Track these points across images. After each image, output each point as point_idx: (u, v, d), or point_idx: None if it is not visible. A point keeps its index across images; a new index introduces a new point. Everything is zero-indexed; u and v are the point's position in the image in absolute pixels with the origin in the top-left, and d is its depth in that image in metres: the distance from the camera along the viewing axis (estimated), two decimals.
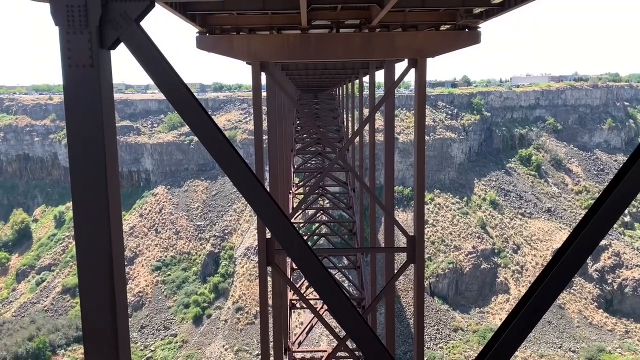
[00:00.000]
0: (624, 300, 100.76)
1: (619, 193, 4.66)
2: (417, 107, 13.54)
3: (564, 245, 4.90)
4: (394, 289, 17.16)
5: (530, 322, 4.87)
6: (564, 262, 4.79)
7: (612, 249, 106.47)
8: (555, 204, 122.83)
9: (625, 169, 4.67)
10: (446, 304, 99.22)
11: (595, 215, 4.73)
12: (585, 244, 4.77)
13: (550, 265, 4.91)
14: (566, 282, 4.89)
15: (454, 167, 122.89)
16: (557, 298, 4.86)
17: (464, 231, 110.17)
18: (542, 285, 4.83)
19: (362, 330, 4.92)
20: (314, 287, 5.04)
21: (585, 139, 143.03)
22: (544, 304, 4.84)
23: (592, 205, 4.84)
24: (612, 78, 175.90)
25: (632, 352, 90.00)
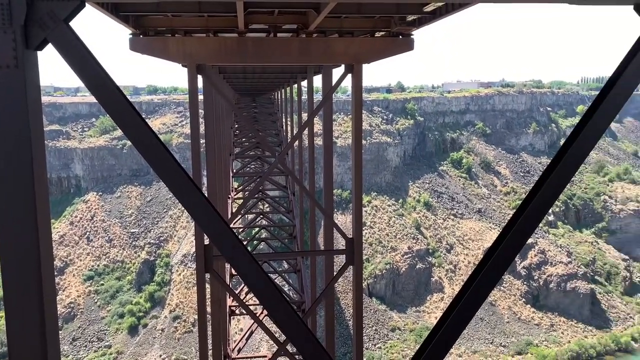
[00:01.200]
0: (549, 296, 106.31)
1: (543, 194, 4.93)
2: (354, 112, 13.77)
3: (494, 244, 5.13)
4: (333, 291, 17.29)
5: (463, 320, 5.06)
6: (494, 261, 5.01)
7: (538, 247, 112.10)
8: (485, 204, 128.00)
9: (549, 171, 4.96)
10: (384, 304, 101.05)
11: (522, 215, 4.98)
12: (514, 243, 5.02)
13: (481, 264, 5.12)
14: (497, 279, 5.12)
15: (389, 170, 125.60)
16: (488, 295, 5.08)
17: (400, 232, 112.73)
18: (474, 283, 5.03)
19: (302, 333, 4.94)
20: (254, 292, 5.02)
21: (512, 143, 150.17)
22: (476, 301, 5.04)
23: (519, 206, 5.10)
24: (536, 85, 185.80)
25: (557, 345, 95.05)
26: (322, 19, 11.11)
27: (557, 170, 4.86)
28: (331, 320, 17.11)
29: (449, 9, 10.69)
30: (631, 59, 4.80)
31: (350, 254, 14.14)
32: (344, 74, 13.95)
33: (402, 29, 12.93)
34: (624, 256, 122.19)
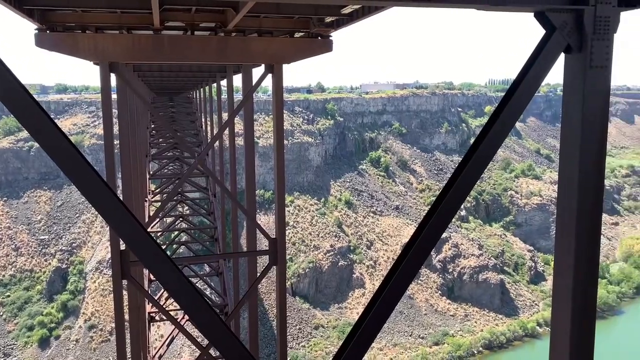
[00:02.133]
0: (463, 287, 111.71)
1: (455, 190, 5.18)
2: (275, 112, 13.77)
3: (411, 239, 5.32)
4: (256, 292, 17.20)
5: (384, 314, 5.21)
6: (412, 255, 5.20)
7: (452, 241, 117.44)
8: (403, 201, 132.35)
9: (460, 168, 5.22)
10: (307, 303, 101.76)
11: (436, 211, 5.21)
12: (429, 238, 5.23)
13: (399, 259, 5.30)
14: (414, 273, 5.31)
15: (311, 169, 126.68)
16: (407, 289, 5.27)
17: (322, 231, 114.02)
18: (393, 278, 5.20)
19: (224, 336, 4.89)
20: (174, 297, 4.90)
21: (427, 142, 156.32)
22: (396, 295, 5.21)
23: (433, 202, 5.33)
24: (447, 86, 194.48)
25: (471, 334, 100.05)
26: (241, 18, 11.01)
27: (467, 168, 5.12)
28: (254, 322, 17.00)
29: (366, 12, 10.96)
30: (533, 62, 5.14)
31: (273, 254, 14.13)
32: (264, 74, 13.91)
33: (321, 30, 13.09)
34: (529, 247, 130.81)
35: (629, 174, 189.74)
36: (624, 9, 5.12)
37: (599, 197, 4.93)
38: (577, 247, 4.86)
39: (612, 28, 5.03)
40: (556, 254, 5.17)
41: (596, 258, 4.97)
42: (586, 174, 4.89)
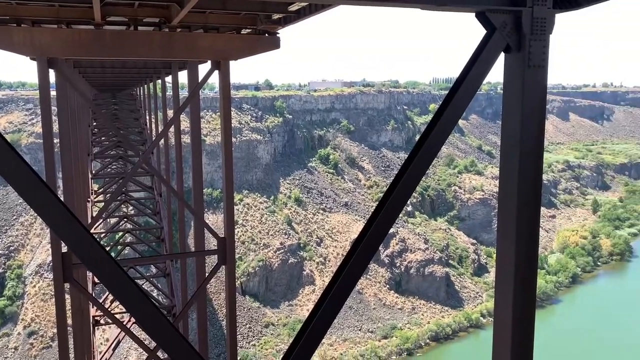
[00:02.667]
0: (410, 281, 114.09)
1: (402, 186, 5.27)
2: (223, 109, 13.59)
3: (359, 235, 5.38)
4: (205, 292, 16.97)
5: (334, 310, 5.25)
6: (361, 251, 5.27)
7: (399, 236, 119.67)
8: (351, 198, 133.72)
9: (406, 165, 5.32)
10: (257, 302, 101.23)
11: (384, 207, 5.29)
12: (378, 233, 5.31)
13: (349, 255, 5.35)
14: (363, 268, 5.38)
15: (260, 167, 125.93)
16: (356, 284, 5.33)
17: (272, 229, 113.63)
18: (343, 273, 5.24)
19: (173, 338, 4.79)
20: (119, 300, 4.76)
21: (374, 139, 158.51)
22: (345, 291, 5.26)
23: (381, 198, 5.41)
24: (393, 85, 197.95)
25: (418, 326, 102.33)
26: (186, 13, 10.80)
27: (413, 164, 5.23)
28: (203, 322, 16.76)
29: (313, 9, 10.98)
30: (474, 61, 5.30)
31: (222, 253, 13.96)
32: (211, 70, 13.70)
33: (268, 27, 13.02)
34: (472, 240, 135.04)
35: (565, 168, 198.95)
36: (558, 10, 5.35)
37: (537, 191, 5.14)
38: (517, 239, 5.06)
39: (548, 29, 5.25)
40: (498, 246, 5.37)
41: (535, 250, 5.19)
42: (525, 169, 5.09)
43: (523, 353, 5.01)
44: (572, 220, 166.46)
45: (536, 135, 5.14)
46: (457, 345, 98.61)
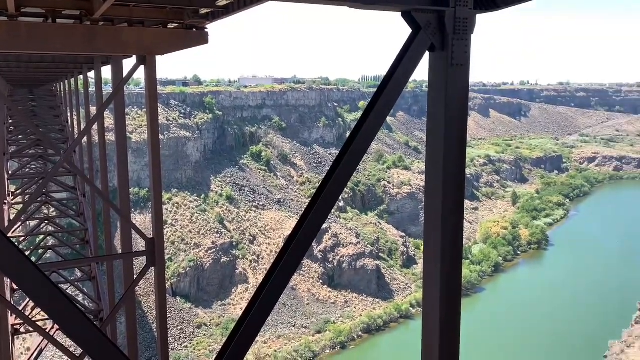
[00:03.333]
0: (343, 275, 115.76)
1: (334, 182, 5.35)
2: (149, 106, 13.19)
3: (292, 232, 5.41)
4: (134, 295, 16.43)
5: (267, 307, 5.25)
6: (294, 247, 5.29)
7: (332, 231, 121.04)
8: (284, 195, 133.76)
9: (338, 161, 5.40)
10: (189, 302, 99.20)
11: (317, 203, 5.34)
12: (311, 229, 5.36)
13: (282, 252, 5.36)
14: (297, 265, 5.41)
15: (190, 165, 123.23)
16: (289, 281, 5.35)
17: (203, 228, 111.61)
18: (276, 271, 5.25)
19: (100, 344, 4.62)
20: (40, 306, 4.53)
21: (306, 136, 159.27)
22: (279, 288, 5.27)
23: (314, 195, 5.46)
24: (324, 82, 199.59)
25: (351, 319, 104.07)
26: (109, 6, 10.37)
27: (344, 161, 5.32)
28: (133, 326, 16.23)
29: (242, 5, 10.86)
30: (401, 60, 5.45)
31: (151, 254, 13.56)
32: (136, 66, 13.24)
33: (196, 22, 12.74)
34: (401, 234, 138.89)
35: (486, 163, 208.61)
36: (479, 11, 5.60)
37: (461, 185, 5.37)
38: (443, 231, 5.27)
39: (469, 29, 5.48)
40: (425, 238, 5.56)
41: (460, 241, 5.42)
42: (449, 164, 5.30)
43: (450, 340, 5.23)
44: (493, 212, 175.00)
45: (459, 131, 5.36)
46: (388, 336, 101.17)
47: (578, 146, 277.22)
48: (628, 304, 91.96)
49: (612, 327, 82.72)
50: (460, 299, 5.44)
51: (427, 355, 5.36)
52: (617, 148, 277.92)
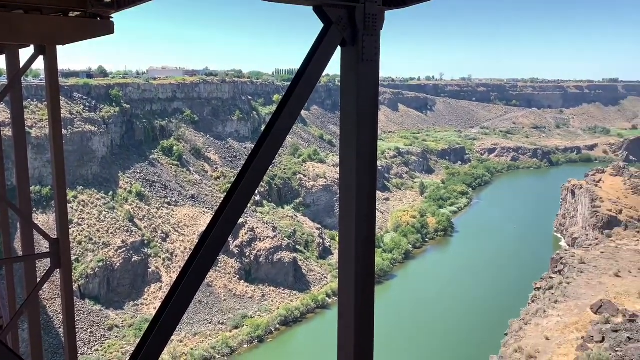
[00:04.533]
0: (260, 269, 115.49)
1: (249, 176, 5.34)
2: (50, 99, 12.41)
3: (207, 227, 5.35)
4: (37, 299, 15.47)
5: (183, 305, 5.16)
6: (209, 244, 5.24)
7: (248, 225, 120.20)
8: (198, 190, 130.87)
9: (253, 155, 5.40)
10: (99, 304, 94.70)
11: (232, 198, 5.32)
12: (226, 224, 5.32)
13: (197, 249, 5.29)
14: (212, 261, 5.36)
15: (96, 161, 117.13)
16: (205, 278, 5.29)
17: (112, 226, 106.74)
18: (191, 268, 5.17)
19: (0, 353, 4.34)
20: None
21: (220, 129, 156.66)
22: (194, 285, 5.20)
23: (229, 189, 5.43)
24: (237, 74, 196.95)
25: (268, 313, 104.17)
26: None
27: (260, 154, 5.33)
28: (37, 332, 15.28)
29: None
30: (313, 54, 5.53)
31: (55, 256, 12.81)
32: (35, 56, 12.40)
33: (100, 11, 12.13)
34: (317, 225, 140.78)
35: (396, 155, 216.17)
36: (387, 8, 5.81)
37: (373, 176, 5.56)
38: (357, 221, 5.43)
39: (378, 25, 5.66)
40: (340, 229, 5.71)
41: (373, 230, 5.62)
42: (362, 156, 5.47)
43: (365, 325, 5.42)
44: (403, 201, 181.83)
45: (370, 124, 5.54)
46: (305, 327, 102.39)
47: (479, 138, 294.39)
48: (525, 284, 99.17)
49: (512, 307, 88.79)
50: (374, 286, 5.64)
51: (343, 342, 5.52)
52: (514, 140, 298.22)
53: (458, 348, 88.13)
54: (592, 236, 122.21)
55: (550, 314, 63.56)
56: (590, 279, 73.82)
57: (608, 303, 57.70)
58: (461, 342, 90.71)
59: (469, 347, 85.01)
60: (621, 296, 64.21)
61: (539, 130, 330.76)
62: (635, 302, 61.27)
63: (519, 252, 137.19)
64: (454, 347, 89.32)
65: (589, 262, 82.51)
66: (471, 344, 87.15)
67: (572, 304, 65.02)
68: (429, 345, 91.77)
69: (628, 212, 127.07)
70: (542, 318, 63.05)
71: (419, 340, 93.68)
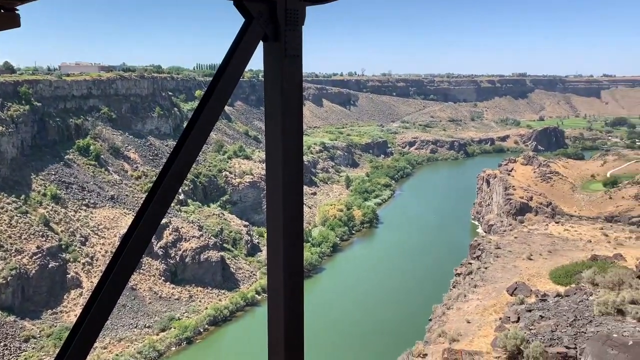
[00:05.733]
0: (186, 270, 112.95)
1: (172, 175, 5.19)
2: None
3: (129, 229, 5.14)
4: None
5: (105, 310, 4.94)
6: (132, 246, 5.04)
7: (173, 226, 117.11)
8: (118, 191, 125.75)
9: (175, 153, 5.25)
10: (13, 315, 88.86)
11: (154, 197, 5.14)
12: (149, 225, 5.14)
13: (118, 251, 5.08)
14: (135, 264, 5.16)
15: (5, 163, 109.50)
16: (128, 281, 5.09)
17: (26, 232, 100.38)
18: (113, 271, 4.96)
19: None
20: None
21: (139, 127, 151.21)
22: (117, 289, 4.99)
23: (151, 188, 5.24)
24: (156, 70, 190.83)
25: (196, 313, 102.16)
26: None
27: (182, 152, 5.19)
28: None
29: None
30: (235, 49, 5.45)
31: None
32: None
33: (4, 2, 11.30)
34: (245, 223, 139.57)
35: (322, 149, 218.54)
36: (308, 3, 5.82)
37: (299, 171, 5.57)
38: (284, 217, 5.43)
39: (300, 20, 5.67)
40: (268, 225, 5.68)
41: (300, 225, 5.63)
42: (288, 152, 5.47)
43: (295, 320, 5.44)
44: (330, 195, 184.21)
45: (295, 120, 5.54)
46: (235, 325, 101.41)
47: (400, 132, 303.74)
48: (447, 270, 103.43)
49: (435, 293, 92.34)
50: (303, 280, 5.67)
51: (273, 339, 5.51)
52: (433, 132, 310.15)
53: (386, 336, 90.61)
54: (506, 222, 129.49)
55: (471, 298, 66.76)
56: (506, 263, 78.20)
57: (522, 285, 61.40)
58: (389, 330, 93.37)
59: (397, 335, 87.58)
60: (533, 278, 68.56)
61: (455, 123, 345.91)
62: (546, 283, 65.65)
63: (440, 240, 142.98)
64: (383, 335, 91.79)
65: (504, 247, 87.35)
66: (398, 331, 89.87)
67: (490, 287, 68.64)
68: (358, 335, 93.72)
69: (538, 198, 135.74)
70: (463, 302, 66.09)
71: (348, 331, 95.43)
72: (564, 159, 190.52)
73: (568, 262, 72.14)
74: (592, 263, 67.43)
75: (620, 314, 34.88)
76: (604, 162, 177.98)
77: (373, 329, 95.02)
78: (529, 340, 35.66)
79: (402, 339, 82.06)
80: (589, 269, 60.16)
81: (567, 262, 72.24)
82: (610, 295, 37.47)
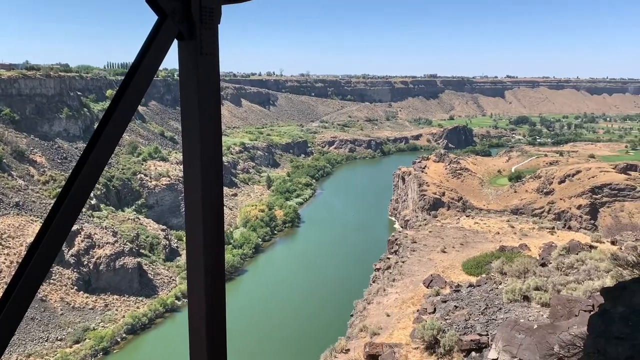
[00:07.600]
0: (100, 278, 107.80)
1: (82, 178, 4.94)
2: None
3: (37, 237, 4.84)
4: None
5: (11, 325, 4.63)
6: (40, 255, 4.75)
7: (85, 232, 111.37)
8: (24, 197, 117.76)
9: (86, 155, 5.00)
10: None
11: (64, 203, 4.88)
12: (59, 232, 4.87)
13: (25, 261, 4.77)
14: (44, 274, 4.87)
15: None
16: (36, 292, 4.79)
17: None
18: (19, 283, 4.66)
19: None
20: None
21: (46, 129, 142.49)
22: (24, 302, 4.68)
23: (59, 193, 4.96)
24: (64, 69, 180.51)
25: (113, 322, 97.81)
26: None
27: (93, 154, 4.95)
28: None
29: None
30: (148, 47, 5.28)
31: None
32: None
33: None
34: (162, 227, 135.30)
35: (242, 150, 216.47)
36: (223, 2, 5.74)
37: (219, 173, 5.49)
38: (204, 219, 5.33)
39: (215, 19, 5.58)
40: (187, 228, 5.55)
41: (221, 227, 5.55)
42: (206, 153, 5.37)
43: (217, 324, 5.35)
44: (251, 196, 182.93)
45: (213, 120, 5.45)
46: (155, 333, 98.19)
47: (319, 132, 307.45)
48: (367, 266, 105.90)
49: (356, 288, 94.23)
50: (225, 284, 5.59)
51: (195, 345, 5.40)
52: (351, 132, 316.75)
53: (310, 335, 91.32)
54: (421, 217, 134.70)
55: (390, 291, 68.76)
56: (422, 257, 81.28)
57: (437, 277, 64.07)
58: (313, 329, 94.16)
59: (321, 333, 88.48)
60: (448, 270, 71.74)
61: (371, 123, 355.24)
62: (460, 274, 68.92)
63: (360, 237, 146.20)
64: (307, 334, 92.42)
65: (420, 241, 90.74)
66: (322, 329, 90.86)
67: (408, 280, 71.06)
68: (282, 334, 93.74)
69: (449, 193, 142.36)
70: (383, 296, 67.94)
71: (272, 331, 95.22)
72: (473, 155, 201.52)
73: (479, 253, 76.11)
74: (500, 254, 71.51)
75: (526, 300, 37.32)
76: (508, 158, 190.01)
77: (297, 329, 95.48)
78: (444, 330, 37.30)
79: (325, 337, 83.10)
80: (497, 259, 63.76)
81: (478, 253, 76.20)
82: (517, 283, 39.98)
